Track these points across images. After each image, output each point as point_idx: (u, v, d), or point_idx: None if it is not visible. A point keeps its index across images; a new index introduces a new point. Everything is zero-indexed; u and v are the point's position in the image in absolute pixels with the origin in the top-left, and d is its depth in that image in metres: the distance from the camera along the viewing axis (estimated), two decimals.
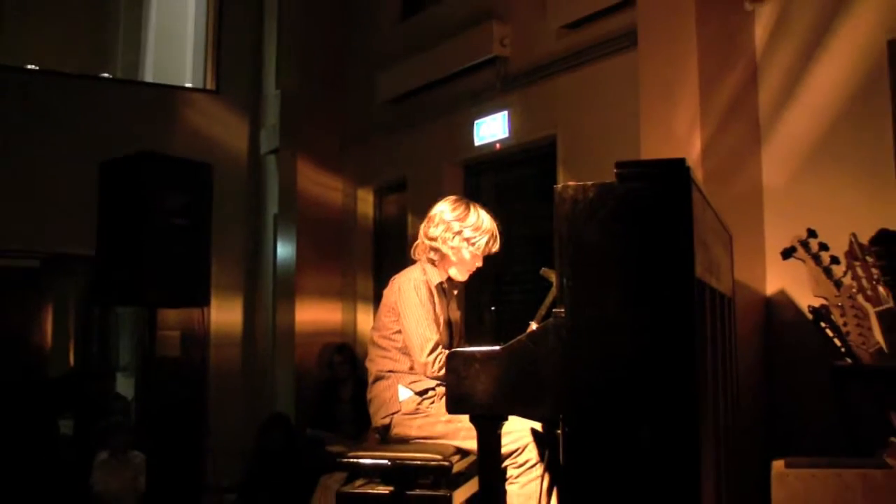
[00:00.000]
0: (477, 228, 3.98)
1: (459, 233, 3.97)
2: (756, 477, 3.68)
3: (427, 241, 4.02)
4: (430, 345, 3.78)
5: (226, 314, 9.64)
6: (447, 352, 3.64)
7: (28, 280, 9.01)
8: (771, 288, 4.79)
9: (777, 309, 4.75)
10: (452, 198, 4.13)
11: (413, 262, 4.14)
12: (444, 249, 3.98)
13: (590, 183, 2.78)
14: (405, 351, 3.90)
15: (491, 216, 4.08)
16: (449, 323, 4.06)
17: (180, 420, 8.65)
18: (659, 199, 2.75)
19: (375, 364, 3.99)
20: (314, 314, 8.32)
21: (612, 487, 2.72)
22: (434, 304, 3.91)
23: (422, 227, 4.09)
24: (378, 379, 3.97)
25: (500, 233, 4.11)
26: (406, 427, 3.86)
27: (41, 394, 8.65)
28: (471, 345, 4.07)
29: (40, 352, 9.03)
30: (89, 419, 8.54)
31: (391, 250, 8.09)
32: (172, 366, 8.93)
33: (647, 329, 2.71)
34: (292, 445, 7.32)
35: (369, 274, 8.39)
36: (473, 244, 3.98)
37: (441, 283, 4.03)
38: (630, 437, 2.69)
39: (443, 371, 3.67)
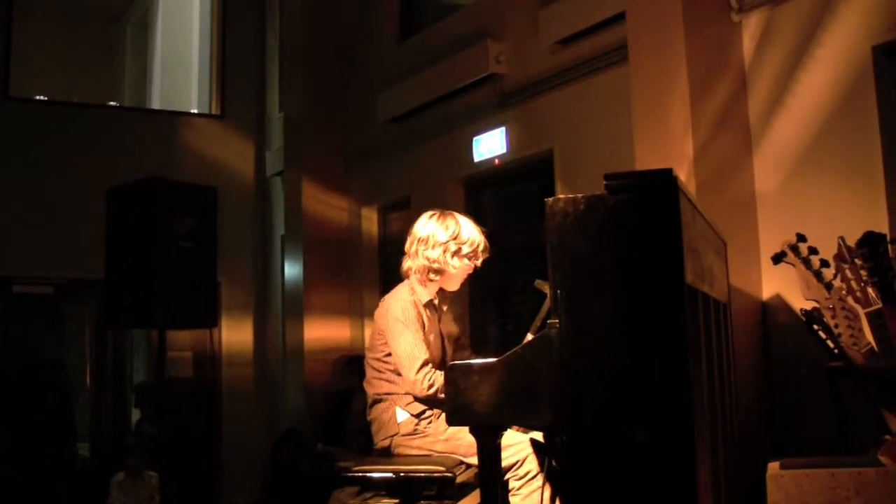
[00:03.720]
0: (462, 238, 3.99)
1: (445, 244, 3.98)
2: (754, 478, 3.72)
3: (412, 259, 4.04)
4: (418, 363, 3.77)
5: (236, 334, 9.76)
6: (439, 371, 3.72)
7: (43, 306, 9.12)
8: (767, 292, 4.85)
9: (773, 313, 4.81)
10: (436, 214, 4.11)
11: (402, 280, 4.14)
12: (433, 265, 3.99)
13: (580, 195, 2.83)
14: (399, 372, 3.89)
15: (472, 222, 4.09)
16: (442, 338, 4.08)
17: (194, 439, 8.74)
18: (647, 210, 2.79)
19: (373, 387, 4.01)
20: (323, 331, 8.39)
21: (610, 494, 2.76)
22: (423, 323, 3.92)
23: (412, 246, 4.09)
24: (376, 402, 3.99)
25: (489, 238, 4.11)
26: (406, 448, 3.88)
27: (59, 417, 8.76)
28: (476, 357, 4.15)
29: (57, 375, 9.14)
30: (105, 440, 8.66)
31: (396, 267, 8.11)
32: (185, 386, 9.03)
33: (639, 337, 2.76)
34: (304, 461, 7.39)
35: (376, 290, 8.43)
36: (461, 254, 3.99)
37: (431, 300, 4.04)
38: (626, 443, 2.72)
39: (432, 390, 3.72)
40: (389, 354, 3.92)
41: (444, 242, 3.99)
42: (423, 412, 3.87)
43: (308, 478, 7.10)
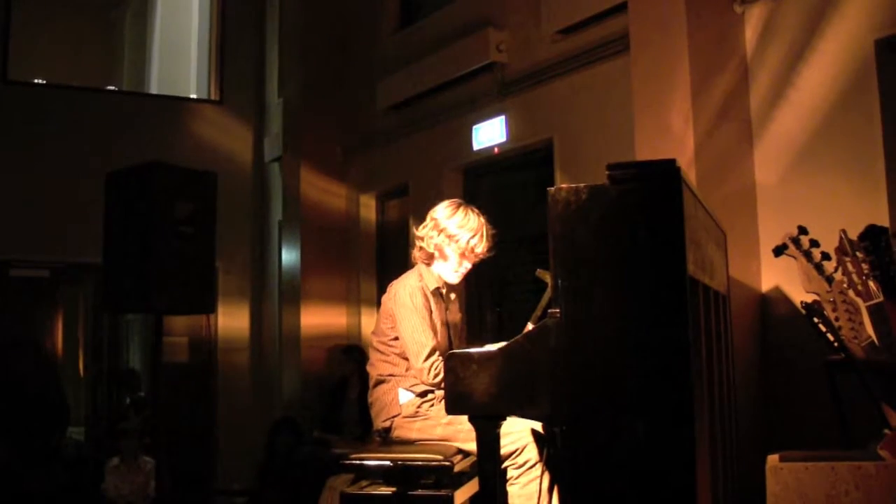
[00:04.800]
0: (461, 226, 3.96)
1: (443, 229, 3.96)
2: (753, 471, 3.73)
3: (416, 241, 4.06)
4: (426, 350, 3.79)
5: (233, 320, 9.77)
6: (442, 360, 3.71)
7: (39, 289, 9.10)
8: (766, 284, 4.85)
9: (772, 305, 4.81)
10: (448, 200, 4.12)
11: (412, 265, 4.17)
12: (428, 247, 4.00)
13: (582, 185, 2.82)
14: (404, 355, 3.91)
15: (483, 219, 4.05)
16: (448, 326, 4.07)
17: (190, 424, 8.73)
18: (650, 200, 2.80)
19: (376, 368, 4.02)
20: (319, 318, 8.39)
21: (610, 484, 2.76)
22: (430, 309, 3.92)
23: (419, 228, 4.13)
24: (379, 383, 3.99)
25: (492, 235, 4.06)
26: (406, 430, 3.89)
27: (53, 400, 8.73)
28: (472, 346, 4.15)
29: (52, 359, 9.12)
30: (101, 425, 8.63)
31: (394, 254, 8.17)
32: (181, 371, 9.02)
33: (640, 327, 2.76)
34: (300, 448, 7.40)
35: (373, 278, 8.46)
36: (456, 241, 3.95)
37: (438, 288, 4.04)
38: (626, 434, 2.73)
39: (438, 379, 3.72)
40: (396, 338, 3.93)
41: (435, 220, 4.01)
42: (426, 393, 3.89)
43: (303, 465, 7.10)
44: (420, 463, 3.63)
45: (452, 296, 4.19)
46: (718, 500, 3.38)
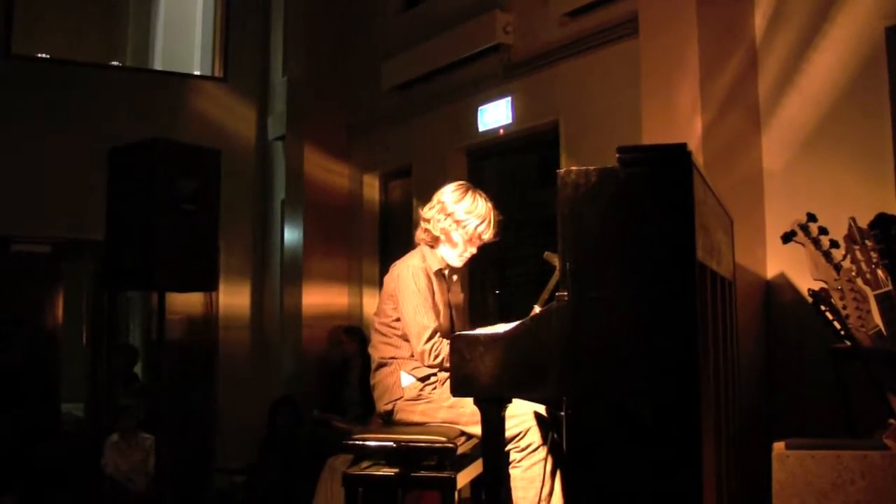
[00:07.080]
0: (469, 212, 3.94)
1: (451, 214, 3.94)
2: (757, 457, 3.73)
3: (421, 223, 4.03)
4: (428, 333, 3.77)
5: (234, 298, 9.77)
6: (445, 340, 3.69)
7: (40, 265, 9.09)
8: (771, 271, 4.84)
9: (777, 292, 4.80)
10: (456, 183, 4.10)
11: (415, 246, 4.16)
12: (435, 231, 3.98)
13: (592, 168, 2.81)
14: (406, 338, 3.89)
15: (490, 204, 4.04)
16: (450, 308, 4.06)
17: (190, 402, 8.75)
18: (660, 184, 2.78)
19: (378, 351, 4.00)
20: (321, 298, 8.39)
21: (614, 468, 2.76)
22: (433, 291, 3.90)
23: (423, 208, 4.11)
24: (381, 366, 3.97)
25: (499, 221, 4.06)
26: (409, 413, 3.87)
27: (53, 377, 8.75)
28: (477, 327, 4.14)
29: (53, 335, 9.12)
30: (101, 401, 8.65)
31: (397, 235, 8.17)
32: (181, 349, 9.02)
33: (648, 312, 2.75)
34: (300, 427, 7.41)
35: (375, 258, 8.46)
36: (463, 227, 3.95)
37: (441, 270, 4.02)
38: (632, 418, 2.72)
39: (438, 360, 3.73)
40: (397, 319, 3.91)
41: (443, 203, 3.99)
42: (428, 377, 3.87)
43: (304, 444, 7.11)
44: (423, 444, 3.62)
45: (455, 277, 4.18)
46: (722, 484, 3.38)
